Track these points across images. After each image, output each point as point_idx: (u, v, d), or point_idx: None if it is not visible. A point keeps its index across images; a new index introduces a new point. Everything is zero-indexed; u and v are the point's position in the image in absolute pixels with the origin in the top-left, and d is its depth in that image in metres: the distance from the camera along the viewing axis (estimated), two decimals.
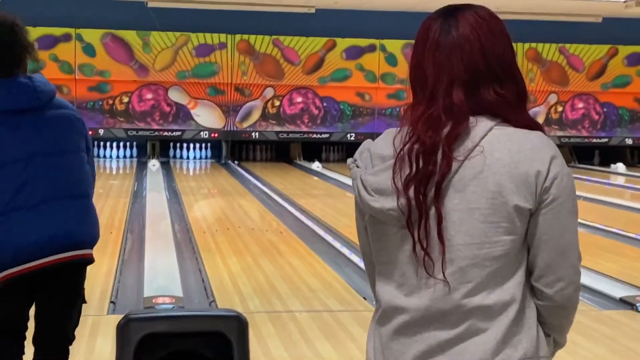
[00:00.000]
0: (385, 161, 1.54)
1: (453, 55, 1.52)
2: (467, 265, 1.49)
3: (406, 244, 1.53)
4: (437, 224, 1.48)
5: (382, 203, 1.52)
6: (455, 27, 1.54)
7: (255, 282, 5.64)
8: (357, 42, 15.25)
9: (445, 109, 1.50)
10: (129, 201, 9.72)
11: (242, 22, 14.86)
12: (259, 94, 15.18)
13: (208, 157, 15.44)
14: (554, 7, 14.20)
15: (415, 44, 1.59)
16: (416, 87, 1.57)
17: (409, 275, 1.54)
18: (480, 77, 1.52)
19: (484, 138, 1.49)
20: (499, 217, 1.47)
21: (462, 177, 1.49)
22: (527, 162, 1.47)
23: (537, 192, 1.48)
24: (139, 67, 14.77)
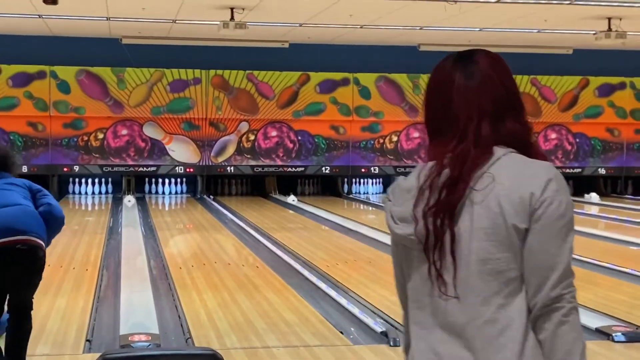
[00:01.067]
0: (409, 193, 1.71)
1: (481, 93, 1.69)
2: (476, 281, 1.63)
3: (423, 266, 1.69)
4: (451, 244, 1.64)
5: (404, 230, 1.69)
6: (478, 69, 1.72)
7: (232, 317, 5.61)
8: (330, 76, 15.36)
9: (474, 142, 1.67)
10: (104, 237, 9.66)
11: (216, 58, 14.93)
12: (234, 128, 15.21)
13: (183, 192, 15.41)
14: (525, 40, 14.40)
15: (436, 87, 1.75)
16: (442, 126, 1.72)
17: (425, 293, 1.69)
18: (503, 110, 1.70)
19: (493, 165, 1.65)
20: (500, 235, 1.62)
21: (472, 200, 1.64)
22: (524, 186, 1.62)
23: (529, 212, 1.61)
24: (114, 104, 14.76)
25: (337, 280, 6.98)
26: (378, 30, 13.55)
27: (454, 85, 1.71)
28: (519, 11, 11.52)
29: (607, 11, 11.53)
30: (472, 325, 1.62)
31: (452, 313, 1.65)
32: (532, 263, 1.62)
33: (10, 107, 14.39)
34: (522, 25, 12.90)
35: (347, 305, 5.94)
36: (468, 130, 1.67)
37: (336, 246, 9.28)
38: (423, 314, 1.70)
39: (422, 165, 1.74)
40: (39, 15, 12.13)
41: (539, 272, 1.62)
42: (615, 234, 10.17)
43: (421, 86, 15.63)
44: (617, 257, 8.32)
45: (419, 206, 1.67)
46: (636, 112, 16.23)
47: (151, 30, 13.60)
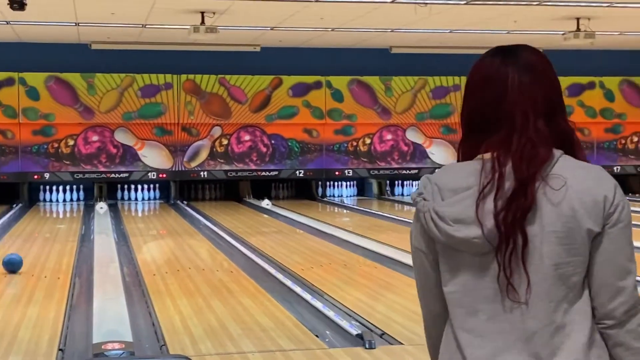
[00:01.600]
0: (457, 193, 1.61)
1: (535, 91, 1.64)
2: (548, 286, 1.58)
3: (486, 271, 1.60)
4: (522, 248, 1.57)
5: (466, 232, 1.59)
6: (531, 65, 1.67)
7: (207, 323, 5.57)
8: (303, 79, 15.35)
9: (536, 141, 1.60)
10: (76, 245, 9.57)
11: (187, 62, 14.86)
12: (207, 133, 15.14)
13: (156, 198, 15.31)
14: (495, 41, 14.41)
15: (486, 82, 1.67)
16: (490, 121, 1.64)
17: (489, 300, 1.61)
18: (554, 107, 1.67)
19: (555, 166, 1.61)
20: (572, 239, 1.57)
21: (543, 202, 1.58)
22: (595, 189, 1.59)
23: (603, 216, 1.59)
24: (84, 110, 14.64)
25: (312, 284, 6.96)
26: (350, 33, 13.57)
27: (507, 80, 1.65)
28: (489, 13, 11.58)
29: (575, 11, 11.63)
30: (544, 331, 1.58)
31: (521, 319, 1.58)
32: (612, 267, 1.59)
33: None
34: (492, 27, 12.97)
35: (322, 308, 5.92)
36: (528, 127, 1.61)
37: (311, 250, 9.26)
38: (477, 320, 1.61)
39: (461, 164, 1.67)
40: (7, 21, 12.00)
41: (617, 276, 1.60)
42: None
43: (393, 88, 15.67)
44: None
45: (482, 208, 1.58)
46: (606, 111, 16.38)
47: (121, 35, 13.51)
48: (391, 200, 15.55)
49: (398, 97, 15.74)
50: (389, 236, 10.00)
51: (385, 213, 13.05)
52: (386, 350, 4.85)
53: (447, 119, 15.90)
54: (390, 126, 15.79)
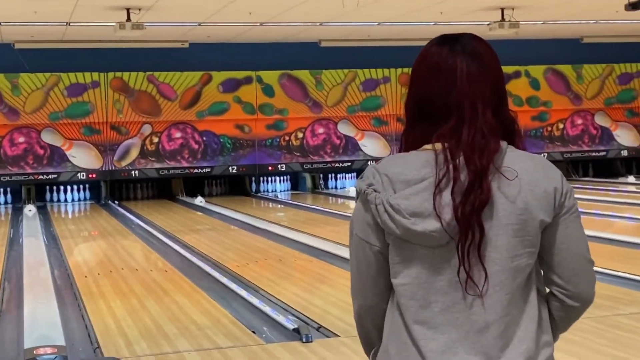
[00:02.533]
0: (410, 185, 1.59)
1: (482, 81, 1.62)
2: (504, 278, 1.59)
3: (440, 263, 1.59)
4: (479, 242, 1.57)
5: (424, 225, 1.57)
6: (479, 54, 1.65)
7: (142, 324, 5.50)
8: (233, 75, 15.27)
9: (485, 132, 1.59)
10: (5, 249, 9.34)
11: (114, 60, 14.63)
12: (136, 131, 14.94)
13: (87, 199, 15.04)
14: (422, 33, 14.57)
15: (433, 71, 1.64)
16: (437, 111, 1.62)
17: (443, 292, 1.60)
18: (500, 98, 1.66)
19: (504, 158, 1.61)
20: (525, 231, 1.59)
21: (495, 196, 1.59)
22: (545, 180, 1.61)
23: (554, 206, 1.61)
24: (9, 111, 14.29)
25: (247, 280, 6.93)
26: (278, 28, 13.54)
27: (456, 70, 1.63)
28: (415, 4, 11.69)
29: (500, 2, 11.83)
30: (499, 323, 1.59)
31: (475, 311, 1.59)
32: (576, 252, 1.63)
33: None
34: (419, 19, 13.10)
35: (258, 304, 5.91)
36: (477, 118, 1.60)
37: (246, 246, 9.23)
38: (430, 312, 1.60)
39: (409, 155, 1.64)
40: None
41: (585, 258, 1.65)
42: None
43: (323, 82, 15.71)
44: None
45: (439, 201, 1.57)
46: (532, 99, 16.71)
47: (45, 34, 13.22)
48: (325, 193, 15.59)
49: (329, 90, 15.78)
50: (323, 229, 10.03)
51: (320, 207, 13.08)
52: (323, 343, 4.87)
53: (378, 111, 16.01)
54: (322, 120, 15.83)
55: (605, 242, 8.08)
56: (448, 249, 1.59)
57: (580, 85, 16.90)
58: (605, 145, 17.11)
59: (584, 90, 16.92)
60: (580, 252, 1.65)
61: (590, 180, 16.13)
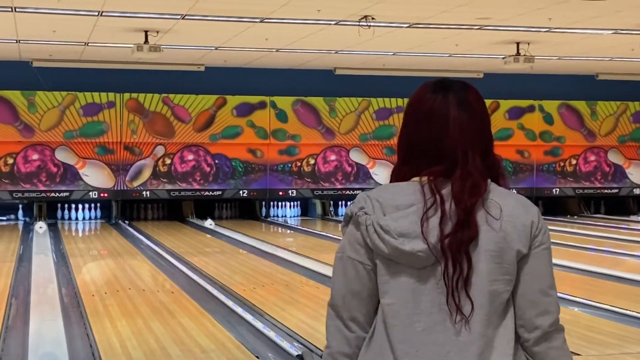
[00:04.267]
0: (400, 210, 1.72)
1: (473, 128, 1.78)
2: (484, 301, 1.70)
3: (424, 284, 1.71)
4: (468, 272, 1.70)
5: (411, 245, 1.69)
6: (469, 102, 1.80)
7: (146, 345, 5.51)
8: (247, 99, 15.35)
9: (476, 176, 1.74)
10: (14, 265, 9.38)
11: (130, 81, 14.74)
12: (149, 152, 15.02)
13: (98, 218, 15.10)
14: (437, 64, 14.70)
15: (428, 116, 1.79)
16: (429, 152, 1.77)
17: (426, 312, 1.71)
18: (487, 144, 1.82)
19: (489, 195, 1.75)
20: (502, 258, 1.72)
21: (480, 229, 1.72)
22: (524, 215, 1.75)
23: (530, 239, 1.74)
24: (24, 128, 14.41)
25: (253, 304, 6.93)
26: (294, 54, 13.63)
27: (449, 117, 1.77)
28: (431, 36, 11.76)
29: (515, 36, 11.88)
30: (478, 343, 1.69)
31: (456, 332, 1.69)
32: (538, 284, 1.75)
33: None
34: (434, 50, 13.17)
35: (263, 329, 5.90)
36: (467, 163, 1.75)
37: (253, 270, 9.23)
38: (413, 331, 1.70)
39: (399, 185, 1.78)
40: None
41: (545, 292, 1.75)
42: None
43: (337, 109, 15.77)
44: None
45: (426, 225, 1.70)
46: (545, 134, 16.71)
47: (63, 53, 13.36)
48: (335, 220, 15.59)
49: (342, 118, 15.83)
50: (331, 256, 9.97)
51: (329, 233, 13.07)
52: None
53: (391, 140, 16.04)
54: (334, 147, 15.87)
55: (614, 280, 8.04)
56: (433, 272, 1.71)
57: (594, 121, 16.89)
58: (617, 183, 17.06)
59: (598, 127, 16.91)
60: (541, 286, 1.75)
61: (602, 218, 16.07)
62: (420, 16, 10.30)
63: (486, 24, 10.87)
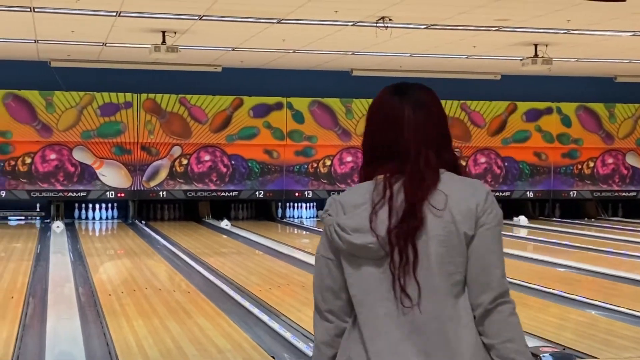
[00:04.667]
0: (357, 208, 1.88)
1: (427, 127, 1.91)
2: (436, 283, 1.83)
3: (382, 275, 1.86)
4: (414, 260, 1.83)
5: (362, 239, 1.85)
6: (424, 104, 1.93)
7: (162, 344, 5.52)
8: (264, 100, 15.37)
9: (424, 171, 1.87)
10: (31, 264, 9.43)
11: (148, 81, 14.80)
12: (166, 152, 15.07)
13: (114, 218, 15.16)
14: (455, 65, 14.66)
15: (385, 120, 1.93)
16: (388, 152, 1.91)
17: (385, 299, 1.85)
18: (442, 141, 1.93)
19: (438, 185, 1.87)
20: (450, 241, 1.83)
21: (426, 215, 1.85)
22: (470, 199, 1.86)
23: (475, 221, 1.84)
24: (42, 127, 14.49)
25: (270, 305, 6.93)
26: (311, 55, 13.63)
27: (404, 119, 1.90)
28: (448, 37, 11.73)
29: (533, 38, 11.82)
30: (434, 323, 1.82)
31: (412, 314, 1.83)
32: (480, 263, 1.84)
33: None
34: (452, 51, 13.13)
35: (279, 330, 5.90)
36: (419, 159, 1.88)
37: (270, 270, 9.24)
38: (376, 317, 1.85)
39: (361, 185, 1.93)
40: None
41: (487, 270, 1.84)
42: (543, 256, 10.36)
43: (354, 111, 15.77)
44: (545, 278, 8.46)
45: (375, 220, 1.85)
46: (562, 136, 16.63)
47: (81, 53, 13.42)
48: None
49: (359, 119, 15.82)
50: None
51: None
52: None
53: None
54: (350, 148, 15.86)
55: (632, 283, 7.99)
56: (386, 263, 1.85)
57: (613, 124, 16.79)
58: (635, 186, 16.95)
59: (616, 129, 16.81)
60: (483, 264, 1.85)
61: (620, 221, 15.97)
62: (437, 17, 10.28)
63: (504, 26, 10.83)
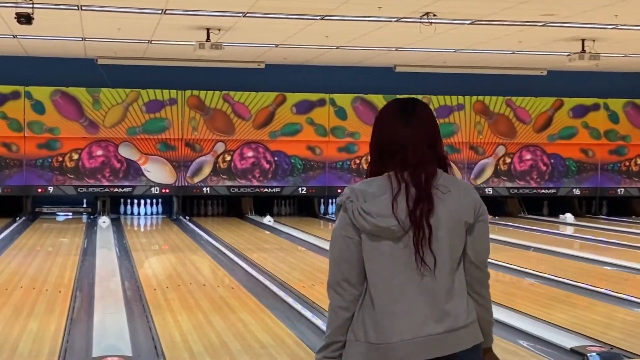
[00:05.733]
0: (376, 197, 2.32)
1: (424, 132, 2.41)
2: (445, 259, 2.32)
3: (399, 250, 2.30)
4: (429, 235, 2.30)
5: (386, 222, 2.29)
6: (421, 116, 2.43)
7: (207, 339, 5.56)
8: (307, 97, 15.39)
9: (424, 161, 2.36)
10: (78, 259, 9.57)
11: (192, 78, 14.92)
12: (210, 149, 15.17)
13: (159, 213, 15.32)
14: (500, 61, 14.52)
15: (390, 123, 2.42)
16: (388, 151, 2.39)
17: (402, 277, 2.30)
18: (434, 141, 2.42)
19: (440, 179, 2.36)
20: (455, 227, 2.34)
21: (436, 204, 2.33)
22: (468, 195, 2.39)
23: (474, 213, 2.38)
24: (89, 124, 14.69)
25: (312, 301, 6.94)
26: (354, 51, 13.61)
27: (407, 127, 2.39)
28: (494, 33, 11.62)
29: (580, 33, 11.66)
30: (443, 289, 2.30)
31: (426, 282, 2.29)
32: (479, 246, 2.39)
33: None
34: (497, 47, 13.01)
35: (322, 326, 5.90)
36: (418, 152, 2.36)
37: (312, 267, 9.25)
38: (391, 286, 2.29)
39: (374, 179, 2.38)
40: (14, 35, 12.07)
41: (484, 252, 2.41)
42: (590, 254, 10.22)
43: None
44: (591, 277, 8.35)
45: (396, 207, 2.30)
46: (610, 133, 16.38)
47: (127, 51, 13.57)
48: None
49: None
50: None
51: None
52: None
53: (451, 138, 15.92)
54: None
55: None
56: (403, 241, 2.30)
57: None
58: None
59: None
60: (480, 248, 2.40)
61: None
62: (482, 13, 10.19)
63: (551, 21, 10.70)
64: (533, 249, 10.67)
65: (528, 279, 8.30)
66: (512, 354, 5.15)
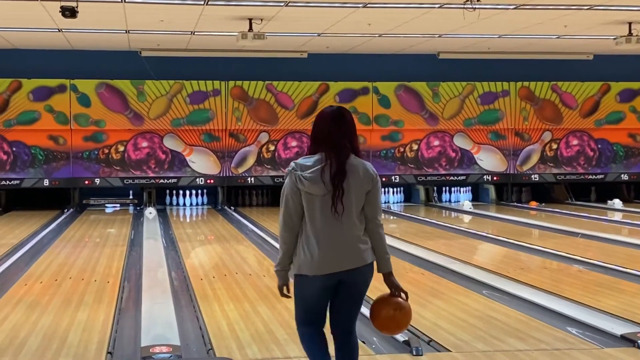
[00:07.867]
0: (310, 169, 3.61)
1: (347, 130, 3.69)
2: (352, 213, 3.62)
3: (324, 204, 3.59)
4: (342, 195, 3.59)
5: (317, 184, 3.58)
6: (345, 119, 3.71)
7: (253, 328, 5.59)
8: (350, 85, 15.35)
9: (344, 149, 3.64)
10: (125, 249, 9.68)
11: (235, 69, 14.97)
12: (254, 139, 15.23)
13: (204, 204, 15.44)
14: (545, 46, 14.33)
15: (324, 123, 3.70)
16: (322, 139, 3.67)
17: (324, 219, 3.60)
18: (353, 137, 3.70)
19: (350, 160, 3.64)
20: (359, 191, 3.63)
21: (348, 175, 3.61)
22: (368, 170, 3.67)
23: (371, 182, 3.65)
24: (134, 116, 14.84)
25: None
26: (397, 39, 13.54)
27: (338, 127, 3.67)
28: (538, 17, 11.46)
29: (627, 16, 11.44)
30: (352, 235, 3.61)
31: (341, 228, 3.60)
32: (372, 205, 3.65)
33: (31, 121, 14.51)
34: (542, 32, 12.83)
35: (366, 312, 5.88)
36: (340, 144, 3.63)
37: None
38: (317, 225, 3.60)
39: (310, 156, 3.66)
40: (59, 29, 12.22)
41: (376, 209, 3.66)
42: (638, 240, 10.05)
43: (441, 94, 15.61)
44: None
45: (323, 175, 3.58)
46: None
47: (170, 43, 13.66)
48: (438, 206, 15.45)
49: (446, 102, 15.65)
50: (436, 243, 9.93)
51: (433, 219, 12.97)
52: (433, 357, 4.81)
53: (496, 124, 15.77)
54: (437, 132, 15.72)
55: None
56: (326, 197, 3.58)
57: None
58: None
59: None
60: (375, 206, 3.66)
61: None
62: None
63: (597, 4, 10.51)
64: (580, 236, 10.53)
65: (576, 266, 8.19)
66: (561, 341, 5.09)
